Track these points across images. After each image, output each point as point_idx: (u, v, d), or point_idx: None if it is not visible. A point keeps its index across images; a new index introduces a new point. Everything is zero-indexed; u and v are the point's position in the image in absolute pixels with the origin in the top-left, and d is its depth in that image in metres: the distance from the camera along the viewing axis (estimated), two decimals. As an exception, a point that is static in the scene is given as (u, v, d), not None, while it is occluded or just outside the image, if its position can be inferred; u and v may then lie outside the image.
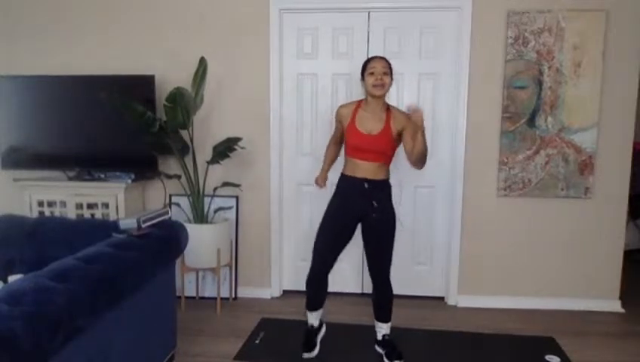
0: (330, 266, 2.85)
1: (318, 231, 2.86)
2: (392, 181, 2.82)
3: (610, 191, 3.51)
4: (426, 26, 3.54)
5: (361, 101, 2.82)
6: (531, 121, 3.48)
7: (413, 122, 2.56)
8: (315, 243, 2.85)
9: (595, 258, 3.58)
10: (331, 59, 3.63)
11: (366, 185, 2.73)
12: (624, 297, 3.61)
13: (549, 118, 3.46)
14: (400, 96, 3.62)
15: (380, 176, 2.75)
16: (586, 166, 3.47)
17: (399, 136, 2.74)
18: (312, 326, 2.98)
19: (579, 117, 3.44)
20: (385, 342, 2.90)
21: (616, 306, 3.60)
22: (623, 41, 3.38)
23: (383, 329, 2.92)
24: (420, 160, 2.67)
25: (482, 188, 3.58)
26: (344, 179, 2.83)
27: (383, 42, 3.57)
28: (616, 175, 3.50)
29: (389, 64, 2.71)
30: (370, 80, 2.67)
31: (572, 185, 3.50)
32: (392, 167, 2.81)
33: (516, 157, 3.51)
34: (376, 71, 2.66)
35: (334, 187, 2.90)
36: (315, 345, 2.92)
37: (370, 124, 2.72)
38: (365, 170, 2.73)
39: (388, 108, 2.77)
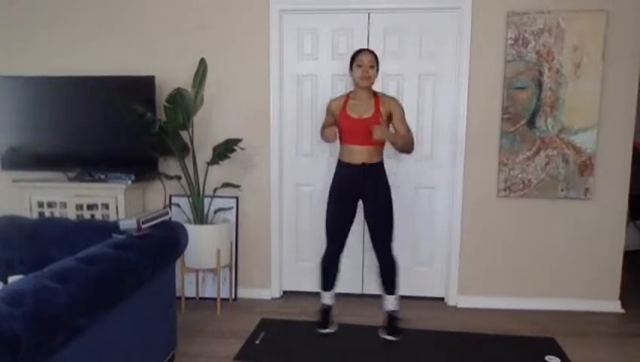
0: (342, 246, 3.16)
1: (326, 217, 3.16)
2: (391, 182, 2.83)
3: (610, 191, 3.51)
4: (426, 26, 3.54)
5: (349, 93, 3.10)
6: (531, 122, 3.48)
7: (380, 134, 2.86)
8: (326, 229, 3.17)
9: (595, 258, 3.57)
10: (331, 59, 3.63)
11: (362, 169, 2.99)
12: (624, 297, 3.61)
13: (549, 119, 3.46)
14: (400, 96, 3.60)
15: (375, 159, 3.02)
16: (586, 166, 3.47)
17: (389, 119, 3.02)
18: (327, 305, 3.25)
19: (579, 117, 3.44)
20: (388, 316, 3.17)
21: (616, 306, 3.60)
22: (623, 41, 3.38)
23: (389, 303, 3.18)
24: (405, 148, 3.03)
25: (482, 189, 3.58)
26: (341, 166, 3.08)
27: (383, 43, 3.57)
28: (616, 175, 3.50)
29: (376, 57, 2.98)
30: (357, 72, 2.94)
31: (572, 186, 3.50)
32: (391, 168, 2.83)
33: (516, 158, 3.51)
34: (364, 64, 2.92)
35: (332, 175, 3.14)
36: (329, 323, 3.19)
37: (360, 109, 2.98)
38: (361, 154, 2.99)
39: (375, 94, 3.03)
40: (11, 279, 2.29)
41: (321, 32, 3.62)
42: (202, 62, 3.34)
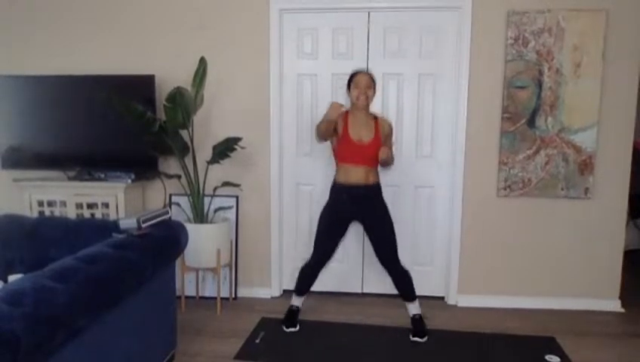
0: (328, 259, 3.20)
1: (316, 231, 3.18)
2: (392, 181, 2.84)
3: (610, 191, 3.51)
4: (426, 26, 3.54)
5: (347, 110, 3.09)
6: (531, 121, 3.47)
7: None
8: (315, 241, 3.17)
9: (595, 258, 3.58)
10: (331, 59, 3.63)
11: (359, 194, 3.02)
12: (624, 297, 3.61)
13: (549, 118, 3.46)
14: (400, 96, 3.62)
15: (371, 181, 3.04)
16: (586, 166, 3.47)
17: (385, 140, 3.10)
18: (297, 307, 3.30)
19: (579, 117, 3.44)
20: (413, 321, 3.18)
21: (616, 306, 3.60)
22: (623, 41, 3.38)
23: (411, 309, 3.19)
24: (387, 165, 3.19)
25: (482, 188, 3.58)
26: (336, 188, 3.10)
27: (383, 42, 3.57)
28: (616, 175, 3.50)
29: (373, 79, 3.06)
30: (354, 93, 3.02)
31: (572, 185, 3.50)
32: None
33: (516, 157, 3.51)
34: (361, 86, 3.00)
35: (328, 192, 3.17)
36: (297, 323, 3.24)
37: (362, 131, 3.01)
38: (357, 174, 3.01)
39: (375, 117, 3.10)
40: (11, 278, 2.29)
41: (320, 32, 3.61)
42: (202, 60, 3.34)
